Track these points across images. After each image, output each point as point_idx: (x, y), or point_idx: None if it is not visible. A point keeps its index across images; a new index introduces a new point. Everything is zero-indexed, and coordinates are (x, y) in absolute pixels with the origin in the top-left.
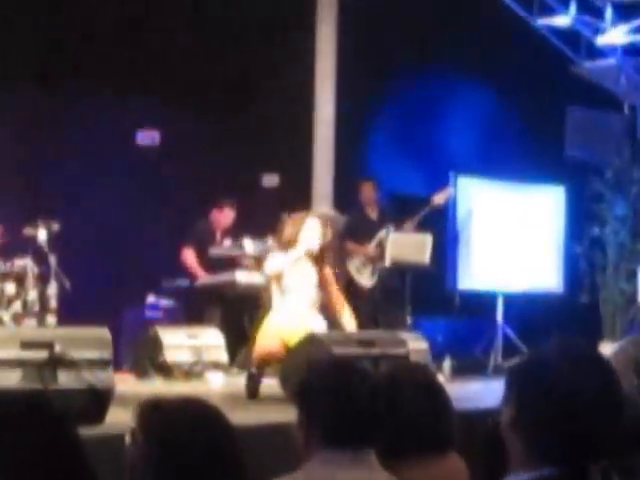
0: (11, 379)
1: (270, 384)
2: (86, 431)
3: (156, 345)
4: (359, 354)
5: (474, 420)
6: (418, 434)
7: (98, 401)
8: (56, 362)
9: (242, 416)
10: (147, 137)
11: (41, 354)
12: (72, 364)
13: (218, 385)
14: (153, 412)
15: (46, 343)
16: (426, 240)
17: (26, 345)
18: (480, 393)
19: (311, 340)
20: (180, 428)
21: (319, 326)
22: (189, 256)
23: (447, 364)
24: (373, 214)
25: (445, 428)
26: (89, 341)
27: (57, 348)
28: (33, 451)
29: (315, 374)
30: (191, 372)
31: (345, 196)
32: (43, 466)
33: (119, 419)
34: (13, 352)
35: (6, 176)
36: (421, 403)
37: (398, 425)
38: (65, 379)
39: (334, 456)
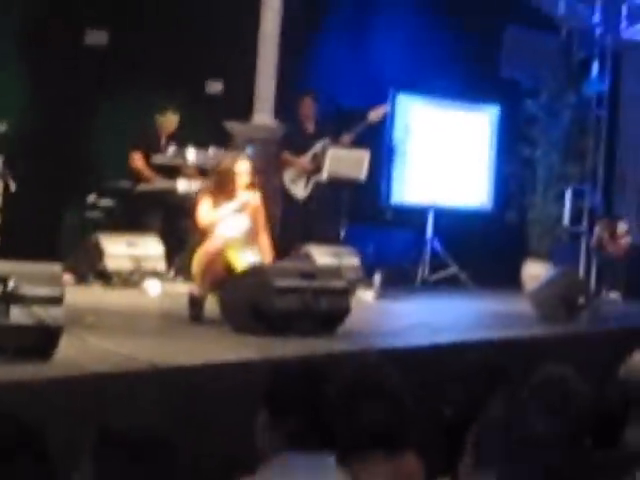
0: None
1: None
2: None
3: (97, 252)
4: (301, 286)
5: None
6: (374, 435)
7: (48, 337)
8: (9, 298)
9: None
10: (95, 36)
11: None
12: (24, 300)
13: (155, 293)
14: None
15: (0, 278)
16: (364, 156)
17: None
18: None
19: (254, 271)
20: None
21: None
22: (138, 160)
23: (377, 279)
24: (310, 127)
25: (400, 428)
26: (41, 277)
27: (10, 284)
28: None
29: (285, 379)
30: (129, 280)
31: (286, 106)
32: None
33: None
34: None
35: None
36: (379, 409)
37: (357, 427)
38: (17, 315)
39: (296, 460)
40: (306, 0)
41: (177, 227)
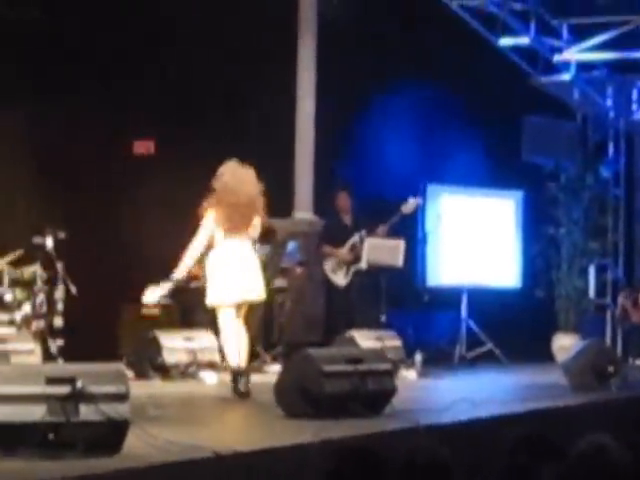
0: (37, 413)
1: None
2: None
3: (155, 347)
4: (348, 371)
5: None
6: None
7: (116, 432)
8: (78, 396)
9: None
10: (143, 146)
11: (64, 389)
12: (92, 398)
13: (212, 383)
14: None
15: (69, 379)
16: (400, 245)
17: (50, 381)
18: (450, 391)
19: (303, 358)
20: None
21: (255, 292)
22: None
23: (418, 359)
24: (347, 220)
25: None
26: (107, 376)
27: (79, 383)
28: None
29: (344, 461)
30: (187, 372)
31: (323, 200)
32: None
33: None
34: (39, 388)
35: (17, 190)
36: None
37: None
38: (86, 412)
39: None
40: (338, 103)
41: None
